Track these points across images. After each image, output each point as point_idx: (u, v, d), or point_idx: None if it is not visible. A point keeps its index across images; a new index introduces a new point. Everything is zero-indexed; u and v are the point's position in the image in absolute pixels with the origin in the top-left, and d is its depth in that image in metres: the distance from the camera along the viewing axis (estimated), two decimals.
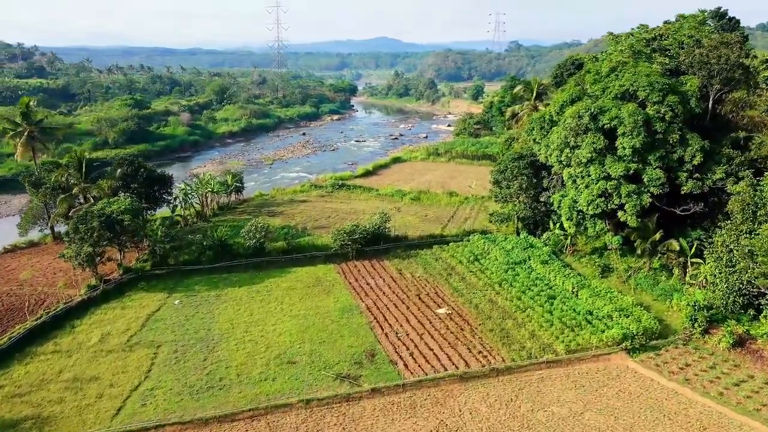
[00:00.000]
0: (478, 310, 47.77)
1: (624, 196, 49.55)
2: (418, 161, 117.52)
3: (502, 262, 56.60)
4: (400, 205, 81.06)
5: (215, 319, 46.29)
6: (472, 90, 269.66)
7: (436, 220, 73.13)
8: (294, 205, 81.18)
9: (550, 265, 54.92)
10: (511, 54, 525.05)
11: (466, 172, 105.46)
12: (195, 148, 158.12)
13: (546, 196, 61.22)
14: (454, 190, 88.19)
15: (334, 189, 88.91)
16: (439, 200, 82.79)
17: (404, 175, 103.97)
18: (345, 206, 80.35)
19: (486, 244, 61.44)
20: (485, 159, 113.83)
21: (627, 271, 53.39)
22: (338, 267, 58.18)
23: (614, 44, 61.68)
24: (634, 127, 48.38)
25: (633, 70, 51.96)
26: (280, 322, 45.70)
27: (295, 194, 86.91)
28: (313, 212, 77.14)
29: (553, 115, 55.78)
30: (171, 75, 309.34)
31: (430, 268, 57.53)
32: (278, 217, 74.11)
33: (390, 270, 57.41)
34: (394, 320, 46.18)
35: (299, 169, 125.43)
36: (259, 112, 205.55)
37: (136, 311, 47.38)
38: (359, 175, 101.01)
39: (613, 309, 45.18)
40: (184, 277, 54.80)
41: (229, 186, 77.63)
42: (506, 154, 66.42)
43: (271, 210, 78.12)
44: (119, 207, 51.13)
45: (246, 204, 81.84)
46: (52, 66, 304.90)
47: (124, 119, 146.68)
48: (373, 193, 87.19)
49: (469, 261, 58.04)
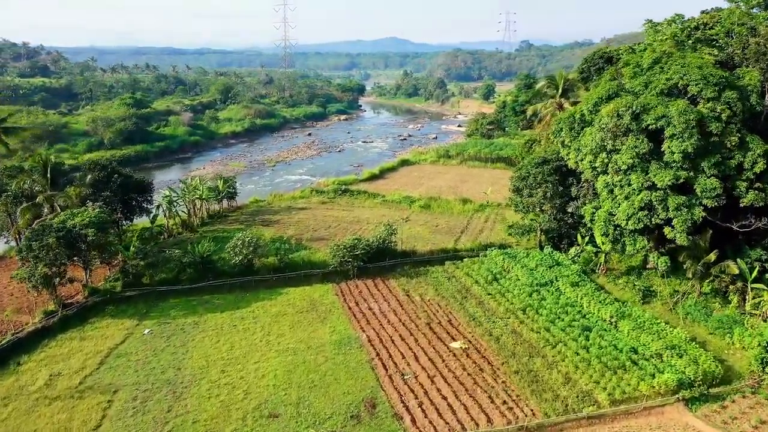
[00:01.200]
0: (499, 345, 40.34)
1: (672, 209, 41.89)
2: (428, 164, 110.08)
3: (525, 282, 49.13)
4: (408, 213, 73.71)
5: (189, 354, 39.19)
6: (483, 90, 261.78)
7: (449, 232, 65.72)
8: (292, 213, 74.03)
9: (582, 287, 47.38)
10: (521, 54, 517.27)
11: (479, 176, 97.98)
12: (196, 148, 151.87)
13: (574, 207, 53.64)
14: (467, 196, 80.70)
15: (336, 195, 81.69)
16: (451, 208, 75.31)
17: (413, 179, 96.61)
18: (348, 214, 73.12)
19: (506, 260, 53.98)
20: (500, 162, 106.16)
21: (673, 296, 45.73)
22: (337, 287, 50.96)
23: (653, 33, 54.06)
24: (685, 127, 40.72)
25: (681, 61, 44.26)
26: (265, 359, 38.50)
27: (293, 200, 79.76)
28: (312, 221, 69.97)
29: (586, 114, 48.17)
30: (176, 74, 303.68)
31: (442, 289, 50.16)
32: (273, 227, 67.02)
33: (396, 291, 50.10)
34: (400, 357, 38.86)
35: (303, 172, 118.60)
36: (264, 112, 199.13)
37: (96, 343, 40.36)
38: (364, 179, 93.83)
39: (663, 346, 37.60)
40: (159, 299, 47.76)
41: (221, 192, 70.58)
42: (527, 159, 58.91)
43: (266, 219, 71.02)
44: (83, 219, 44.20)
45: (240, 211, 74.73)
46: (56, 65, 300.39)
47: (122, 119, 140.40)
48: (379, 200, 79.86)
49: (486, 281, 50.62)
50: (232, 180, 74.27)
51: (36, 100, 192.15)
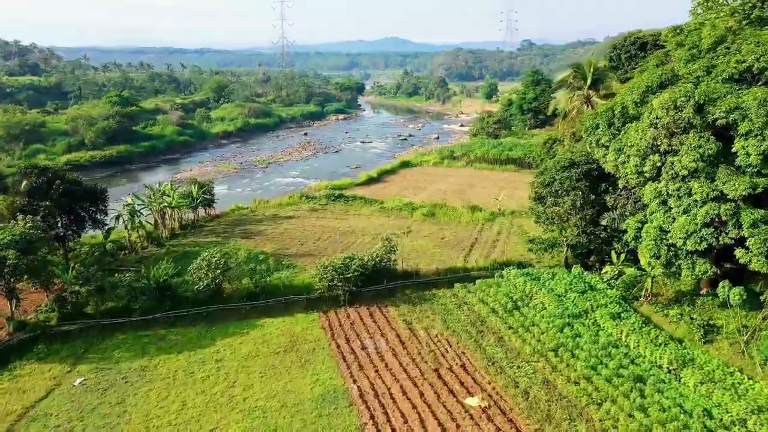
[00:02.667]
0: (528, 402, 31.34)
1: (747, 226, 32.94)
2: (431, 166, 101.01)
3: (553, 313, 40.12)
4: (410, 223, 64.68)
5: (126, 415, 30.19)
6: (486, 88, 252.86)
7: (457, 245, 56.71)
8: (277, 222, 64.99)
9: (625, 320, 38.35)
10: (523, 53, 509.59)
11: (487, 179, 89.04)
12: (185, 149, 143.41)
13: (609, 219, 44.62)
14: (476, 203, 71.64)
15: (328, 201, 72.59)
16: (458, 216, 66.26)
17: (414, 182, 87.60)
18: (341, 224, 64.09)
19: (527, 283, 44.96)
20: (509, 163, 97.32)
21: (741, 332, 36.70)
22: (324, 318, 41.95)
23: (705, 10, 45.13)
24: (766, 122, 31.80)
25: (755, 39, 35.32)
26: (224, 423, 29.50)
27: (280, 208, 70.61)
28: (299, 232, 60.94)
29: (630, 107, 39.15)
30: (171, 73, 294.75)
31: (452, 320, 41.15)
32: (254, 239, 58.05)
33: (396, 323, 41.12)
34: (402, 421, 29.86)
35: (296, 174, 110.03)
36: (259, 111, 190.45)
37: (11, 400, 31.40)
38: (361, 183, 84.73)
39: (746, 408, 28.58)
40: (103, 334, 38.76)
41: (195, 199, 61.51)
42: (551, 161, 49.93)
43: (246, 229, 61.99)
44: (3, 238, 35.35)
45: (218, 221, 65.56)
46: (47, 63, 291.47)
47: (105, 117, 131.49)
48: (377, 207, 70.78)
49: (505, 310, 41.64)
50: (208, 185, 65.07)
51: (21, 99, 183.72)
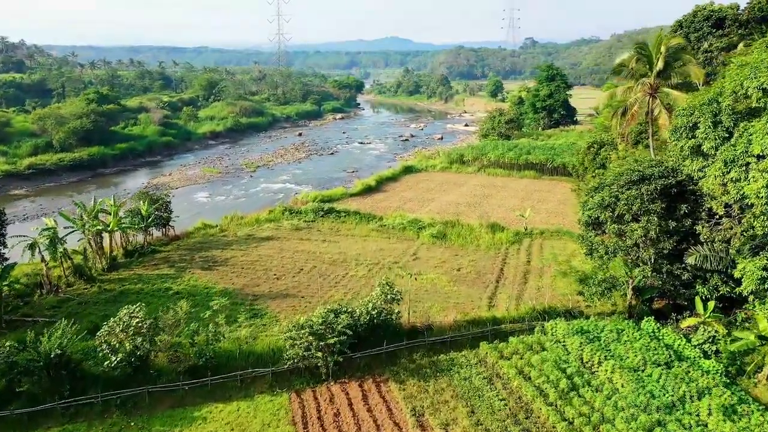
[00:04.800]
0: None
1: None
2: (437, 171, 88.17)
3: (633, 401, 27.17)
4: (416, 246, 51.67)
5: None
6: (491, 86, 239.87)
7: (477, 279, 43.75)
8: (251, 245, 51.95)
9: (745, 419, 25.52)
10: (526, 51, 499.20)
11: (505, 188, 76.13)
12: (168, 151, 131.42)
13: (700, 257, 31.79)
14: (495, 219, 58.80)
15: (316, 217, 59.45)
16: (475, 238, 53.18)
17: (419, 192, 74.69)
18: (329, 248, 51.07)
19: (585, 347, 32.01)
20: (528, 169, 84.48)
21: None
22: (297, 401, 29.01)
23: None
24: None
25: None
26: None
27: (257, 226, 57.42)
28: (276, 260, 47.86)
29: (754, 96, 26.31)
30: (162, 70, 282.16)
31: (482, 409, 28.19)
32: (217, 271, 45.12)
33: (400, 412, 28.20)
34: None
35: (287, 178, 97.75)
36: (251, 110, 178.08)
37: None
38: (356, 193, 71.59)
39: None
40: None
41: (145, 218, 48.48)
42: (609, 174, 37.11)
43: (211, 257, 48.87)
44: None
45: (178, 243, 52.42)
46: (32, 60, 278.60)
47: (78, 116, 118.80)
48: (375, 224, 57.70)
49: (558, 390, 28.79)
50: (163, 200, 51.93)
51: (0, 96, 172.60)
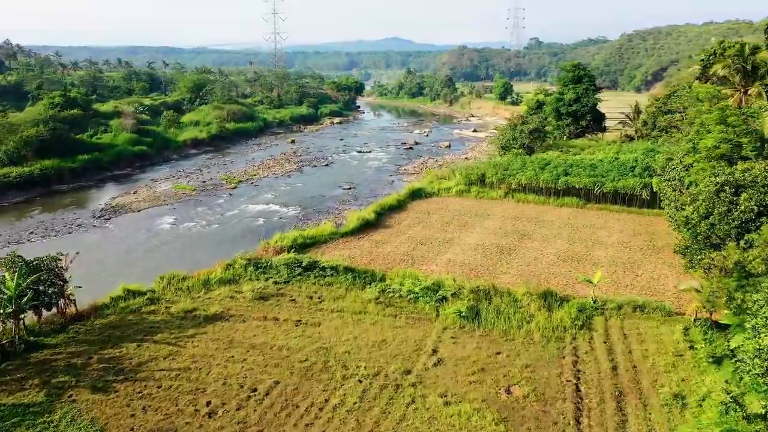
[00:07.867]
0: None
1: None
2: (453, 196, 70.93)
3: None
4: (436, 333, 34.63)
5: None
6: (499, 88, 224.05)
7: (542, 413, 27.34)
8: (187, 332, 35.04)
9: None
10: (531, 52, 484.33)
11: (543, 224, 58.69)
12: (141, 161, 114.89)
13: None
14: (548, 285, 41.51)
15: (291, 275, 42.64)
16: (524, 319, 35.88)
17: (433, 228, 57.26)
18: (305, 339, 34.09)
19: None
20: (567, 195, 67.10)
21: None
22: None
23: None
24: None
25: None
26: None
27: (205, 292, 40.27)
28: (219, 368, 31.16)
29: None
30: (152, 71, 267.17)
31: None
32: (119, 393, 28.30)
33: None
34: None
35: (271, 197, 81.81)
36: (240, 114, 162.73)
37: None
38: (349, 232, 54.38)
39: None
40: None
41: (15, 298, 32.40)
42: None
43: (117, 360, 31.91)
44: None
45: (78, 327, 35.21)
46: (12, 60, 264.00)
47: (34, 123, 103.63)
48: (374, 290, 40.00)
49: None
50: (50, 264, 35.75)
51: None
